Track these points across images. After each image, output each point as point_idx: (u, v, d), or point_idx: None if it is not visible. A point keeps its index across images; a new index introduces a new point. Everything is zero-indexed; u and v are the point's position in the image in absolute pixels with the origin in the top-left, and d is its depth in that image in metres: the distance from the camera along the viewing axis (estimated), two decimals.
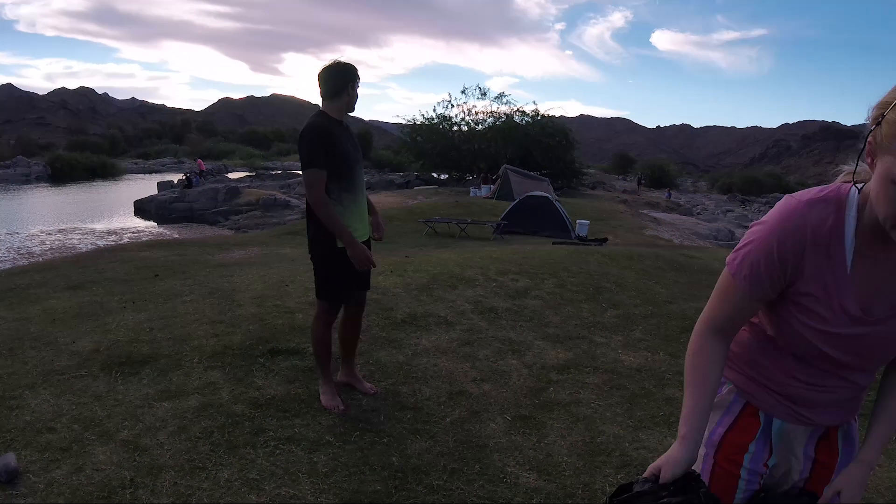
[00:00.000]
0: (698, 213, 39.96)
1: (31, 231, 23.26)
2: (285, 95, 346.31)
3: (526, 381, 4.83)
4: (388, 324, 5.80)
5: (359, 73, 4.11)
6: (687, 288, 8.77)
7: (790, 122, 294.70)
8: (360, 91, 4.12)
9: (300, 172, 5.18)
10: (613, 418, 4.32)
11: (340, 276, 4.08)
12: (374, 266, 4.12)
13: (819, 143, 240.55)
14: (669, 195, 49.45)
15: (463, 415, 4.24)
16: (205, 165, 40.23)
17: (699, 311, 5.75)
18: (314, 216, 3.97)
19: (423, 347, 5.35)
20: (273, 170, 65.60)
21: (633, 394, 4.73)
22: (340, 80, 4.03)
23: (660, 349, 5.81)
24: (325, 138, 3.90)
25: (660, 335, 6.33)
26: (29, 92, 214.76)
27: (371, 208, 4.38)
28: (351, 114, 4.17)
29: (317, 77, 4.07)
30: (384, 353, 5.14)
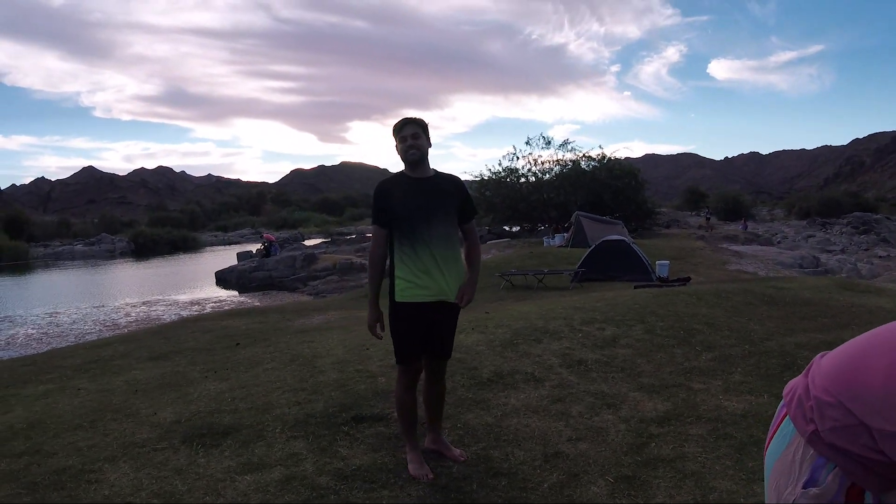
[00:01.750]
0: (779, 242, 38.93)
1: (117, 304, 23.91)
2: (354, 163, 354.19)
3: (625, 438, 4.53)
4: (474, 384, 5.59)
5: (400, 122, 4.10)
6: (782, 322, 8.35)
7: (860, 136, 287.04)
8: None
9: None
10: (724, 472, 3.99)
11: (404, 333, 4.01)
12: (380, 338, 4.12)
13: (893, 154, 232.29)
14: (745, 227, 48.29)
15: (561, 478, 3.96)
16: (274, 237, 40.85)
17: (798, 346, 5.41)
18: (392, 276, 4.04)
19: (513, 407, 5.11)
20: (347, 234, 66.86)
21: (742, 443, 4.38)
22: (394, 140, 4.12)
23: (763, 391, 5.46)
24: (381, 195, 4.03)
25: (761, 375, 5.97)
26: (109, 173, 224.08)
27: (470, 274, 4.21)
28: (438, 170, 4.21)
29: None
30: (472, 416, 4.92)
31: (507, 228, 48.86)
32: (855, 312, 9.43)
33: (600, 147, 49.40)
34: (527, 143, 46.52)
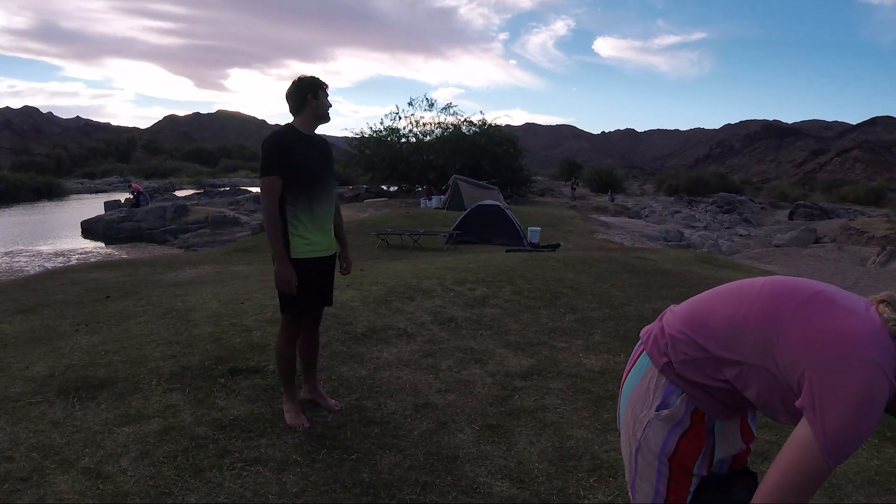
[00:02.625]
0: (646, 216, 40.52)
1: None
2: (231, 111, 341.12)
3: (491, 390, 4.82)
4: (348, 338, 5.75)
5: (322, 81, 4.15)
6: (642, 290, 8.88)
7: (732, 122, 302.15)
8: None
9: (249, 189, 5.12)
10: (581, 422, 4.33)
11: (301, 288, 4.04)
12: (294, 294, 4.04)
13: (761, 141, 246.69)
14: (612, 198, 50.08)
15: (430, 427, 4.21)
16: (142, 187, 39.32)
17: (655, 311, 5.87)
18: None
19: (385, 361, 5.31)
20: (221, 186, 64.86)
21: (598, 397, 4.74)
22: (301, 93, 4.07)
23: (620, 351, 5.86)
24: (282, 147, 3.96)
25: (619, 337, 6.38)
26: None
27: (342, 240, 4.42)
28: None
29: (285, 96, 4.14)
30: (346, 369, 5.09)
31: (384, 188, 48.70)
32: (710, 284, 10.09)
33: (482, 113, 50.02)
34: (409, 103, 46.62)
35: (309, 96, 4.07)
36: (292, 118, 4.13)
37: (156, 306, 7.24)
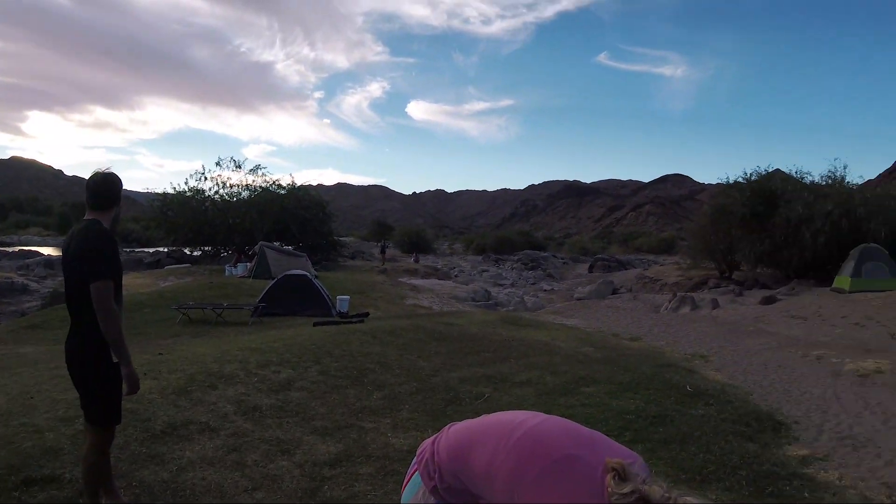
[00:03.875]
0: (456, 276, 41.53)
1: None
2: (27, 159, 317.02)
3: (300, 483, 4.79)
4: (148, 437, 5.48)
5: None
6: (449, 358, 9.14)
7: (536, 182, 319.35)
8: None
9: (40, 250, 4.81)
10: None
11: (120, 394, 3.90)
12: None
13: (563, 199, 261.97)
14: (416, 259, 51.24)
15: None
16: None
17: (462, 380, 6.13)
18: (90, 328, 3.80)
19: (189, 460, 5.11)
20: (9, 245, 59.36)
21: None
22: (115, 193, 3.97)
23: (428, 426, 6.00)
24: (114, 246, 3.85)
25: (426, 412, 6.54)
26: None
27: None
28: None
29: (87, 184, 3.96)
30: (147, 472, 4.85)
31: (187, 252, 46.82)
32: (514, 346, 10.57)
33: (291, 175, 49.39)
34: (217, 163, 45.22)
35: (119, 199, 3.99)
36: (93, 212, 3.94)
37: None
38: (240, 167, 45.12)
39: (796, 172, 34.49)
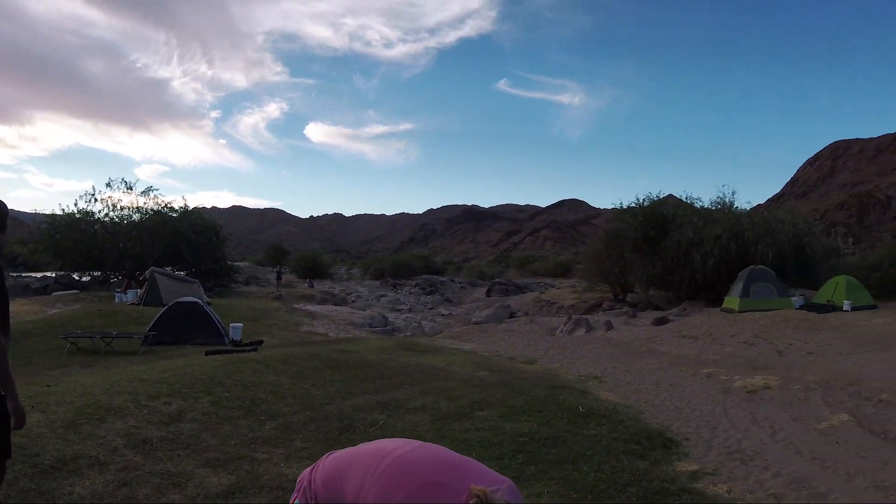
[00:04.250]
0: (353, 302, 41.26)
1: None
2: None
3: None
4: (37, 472, 5.26)
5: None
6: (343, 386, 9.07)
7: (435, 207, 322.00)
8: None
9: None
10: None
11: (8, 428, 3.66)
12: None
13: (461, 224, 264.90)
14: (311, 284, 50.82)
15: None
16: None
17: (356, 408, 6.09)
18: None
19: (79, 496, 4.94)
20: None
21: None
22: (2, 222, 3.71)
23: (321, 455, 5.90)
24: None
25: (320, 440, 6.48)
26: None
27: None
28: None
29: None
30: None
31: (76, 277, 44.92)
32: (410, 372, 10.56)
33: (183, 197, 47.99)
34: (108, 184, 43.60)
35: (5, 227, 3.75)
36: None
37: None
38: (131, 188, 43.65)
39: (687, 198, 35.95)
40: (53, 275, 44.58)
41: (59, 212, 42.28)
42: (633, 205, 35.34)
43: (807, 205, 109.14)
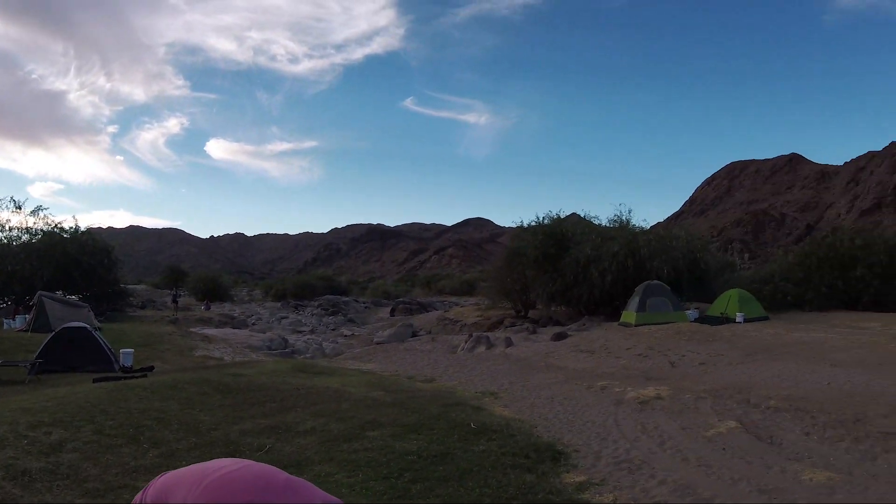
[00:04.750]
0: (253, 324, 40.56)
1: None
2: None
3: None
4: None
5: None
6: (232, 410, 8.95)
7: (340, 226, 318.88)
8: None
9: None
10: None
11: None
12: None
13: (366, 243, 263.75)
14: (208, 307, 49.84)
15: None
16: None
17: (243, 432, 5.99)
18: None
19: None
20: None
21: None
22: None
23: None
24: None
25: None
26: None
27: None
28: None
29: None
30: None
31: None
32: (303, 394, 10.47)
33: (74, 217, 46.24)
34: None
35: None
36: None
37: None
38: (20, 208, 41.87)
39: (587, 216, 36.88)
40: None
41: None
42: (534, 223, 36.02)
43: (705, 222, 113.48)
